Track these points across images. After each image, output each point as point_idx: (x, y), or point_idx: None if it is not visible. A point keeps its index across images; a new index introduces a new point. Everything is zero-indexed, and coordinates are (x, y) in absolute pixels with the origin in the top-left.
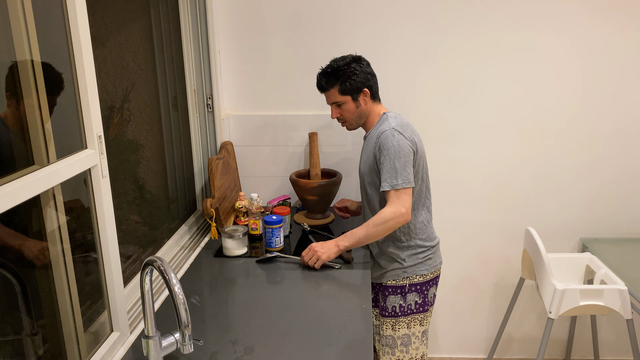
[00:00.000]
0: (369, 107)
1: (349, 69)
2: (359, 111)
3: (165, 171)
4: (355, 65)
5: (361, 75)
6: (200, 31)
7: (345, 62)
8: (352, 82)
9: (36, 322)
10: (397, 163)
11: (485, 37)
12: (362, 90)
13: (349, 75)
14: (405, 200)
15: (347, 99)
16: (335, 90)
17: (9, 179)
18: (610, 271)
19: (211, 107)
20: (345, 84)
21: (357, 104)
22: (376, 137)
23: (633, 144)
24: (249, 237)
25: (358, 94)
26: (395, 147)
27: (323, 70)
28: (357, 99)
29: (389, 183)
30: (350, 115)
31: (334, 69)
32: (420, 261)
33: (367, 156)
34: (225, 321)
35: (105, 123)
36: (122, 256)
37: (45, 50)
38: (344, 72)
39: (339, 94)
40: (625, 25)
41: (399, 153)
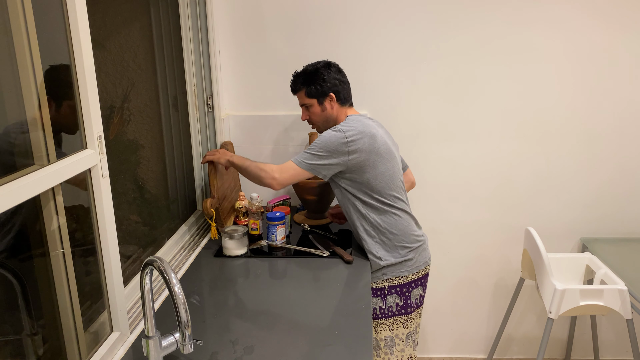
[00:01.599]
0: (336, 111)
1: (316, 73)
2: (325, 115)
3: (165, 171)
4: (324, 71)
5: (328, 80)
6: (200, 31)
7: (314, 68)
8: (318, 87)
9: (36, 322)
10: (312, 149)
11: (485, 37)
12: (327, 94)
13: (316, 80)
14: (284, 171)
15: (314, 102)
16: (302, 92)
17: (9, 178)
18: (610, 271)
19: (211, 107)
20: (310, 88)
21: (323, 107)
22: None
23: (633, 144)
24: (249, 237)
25: (324, 97)
26: (322, 138)
27: (295, 73)
28: (322, 102)
29: (294, 157)
30: (317, 118)
31: (303, 72)
32: (400, 262)
33: None
34: (225, 321)
35: (105, 123)
36: (122, 256)
37: (45, 50)
38: (311, 77)
39: (305, 97)
40: (625, 25)
41: (318, 144)
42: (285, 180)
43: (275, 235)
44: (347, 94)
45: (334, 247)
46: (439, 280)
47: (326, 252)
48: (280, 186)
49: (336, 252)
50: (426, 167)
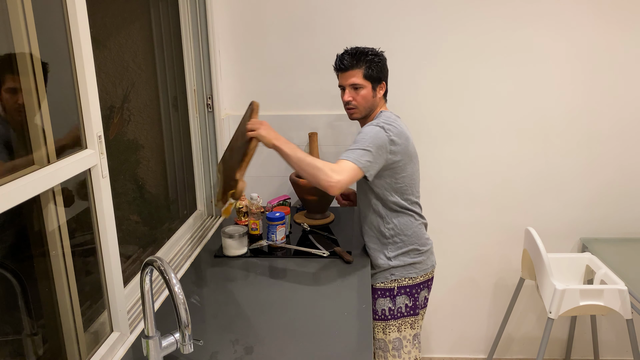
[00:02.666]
0: (379, 102)
1: (378, 57)
2: (373, 101)
3: (165, 171)
4: (383, 58)
5: (385, 68)
6: (200, 31)
7: (374, 50)
8: (378, 70)
9: (36, 322)
10: (359, 144)
11: (485, 37)
12: (381, 81)
13: (377, 63)
14: (342, 171)
15: (368, 85)
16: (359, 71)
17: (9, 178)
18: (610, 271)
19: (211, 107)
20: (371, 69)
21: (374, 94)
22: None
23: (633, 144)
24: (249, 237)
25: (378, 84)
26: (365, 135)
27: (350, 50)
28: (375, 88)
29: (346, 154)
30: (365, 103)
31: (364, 51)
32: (409, 263)
33: None
34: (225, 321)
35: (105, 123)
36: (122, 256)
37: (45, 50)
38: (373, 58)
39: (362, 77)
40: (626, 25)
41: (366, 139)
42: (346, 182)
43: (275, 235)
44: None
45: (334, 247)
46: (439, 280)
47: (326, 252)
48: (339, 190)
49: (336, 252)
50: (426, 167)
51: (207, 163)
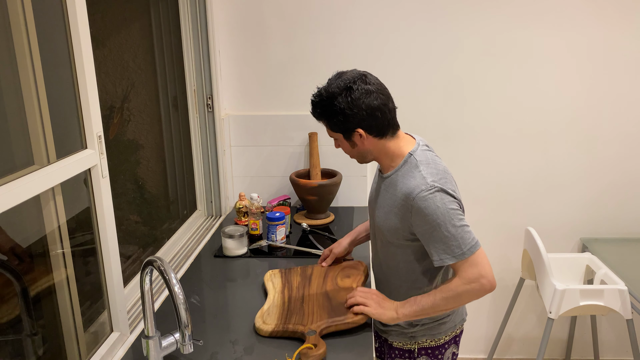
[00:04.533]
0: (375, 146)
1: (334, 105)
2: (357, 151)
3: (165, 171)
4: (343, 101)
5: (352, 113)
6: (200, 31)
7: (330, 95)
8: (339, 122)
9: (36, 322)
10: (452, 229)
11: (485, 37)
12: (353, 131)
13: (334, 114)
14: (483, 266)
15: (339, 137)
16: (324, 124)
17: (9, 179)
18: (610, 271)
19: (211, 107)
20: (332, 121)
21: (352, 144)
22: (406, 195)
23: (633, 145)
24: (249, 237)
25: (350, 134)
26: (442, 211)
27: (313, 98)
28: (350, 138)
29: (450, 255)
30: (350, 153)
31: (319, 101)
32: (432, 326)
33: (389, 209)
34: (225, 321)
35: (105, 123)
36: (122, 256)
37: (45, 50)
38: (328, 108)
39: (329, 129)
40: (627, 26)
41: (449, 216)
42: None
43: (275, 235)
44: (382, 123)
45: None
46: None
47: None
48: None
49: None
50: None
51: (207, 163)
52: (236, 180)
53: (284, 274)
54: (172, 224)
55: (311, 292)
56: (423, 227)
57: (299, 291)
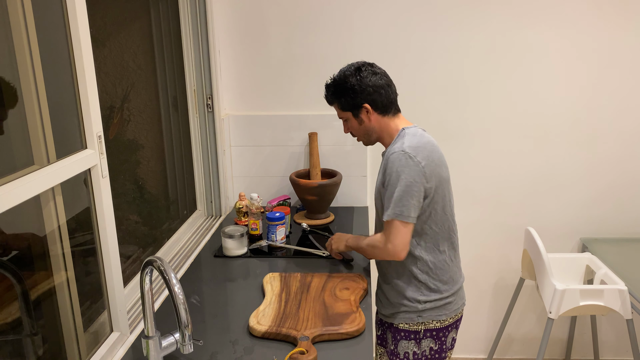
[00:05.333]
0: (377, 123)
1: (346, 83)
2: (364, 128)
3: (165, 171)
4: (352, 79)
5: (360, 89)
6: (200, 31)
7: (342, 76)
8: (350, 99)
9: (36, 322)
10: (397, 191)
11: (485, 37)
12: (361, 106)
13: (346, 91)
14: (394, 235)
15: (349, 116)
16: (336, 106)
17: (9, 178)
18: (610, 271)
19: (211, 107)
20: (341, 100)
21: (359, 121)
22: (385, 157)
23: (634, 145)
24: (249, 237)
25: (358, 110)
26: (398, 174)
27: (327, 83)
28: (358, 115)
29: (385, 212)
30: (357, 132)
31: (332, 83)
32: (440, 305)
33: (379, 177)
34: (225, 321)
35: (105, 123)
36: (122, 256)
37: (45, 50)
38: (341, 88)
39: (340, 110)
40: (629, 26)
41: (400, 180)
42: (402, 244)
43: (275, 235)
44: (386, 101)
45: None
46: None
47: (326, 252)
48: (404, 252)
49: None
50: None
51: (207, 163)
52: (236, 180)
53: (283, 278)
54: (172, 224)
55: (308, 299)
56: (384, 181)
57: (296, 296)
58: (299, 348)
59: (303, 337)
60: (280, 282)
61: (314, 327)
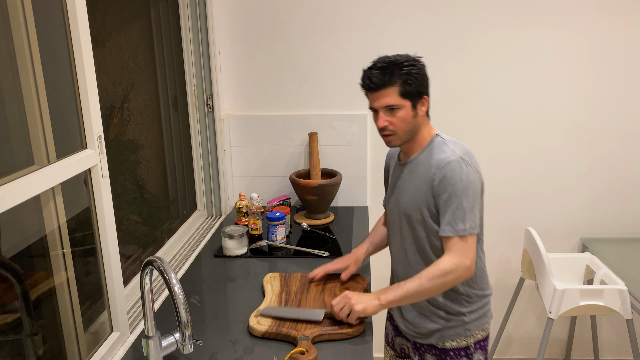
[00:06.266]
0: (422, 121)
1: (414, 67)
2: (414, 122)
3: (165, 171)
4: (420, 65)
5: (426, 78)
6: (200, 31)
7: (409, 59)
8: (417, 84)
9: (36, 322)
10: (465, 203)
11: (485, 37)
12: (422, 96)
13: (414, 74)
14: (470, 250)
15: (406, 104)
16: (394, 90)
17: (9, 178)
18: (610, 271)
19: (211, 107)
20: (407, 84)
21: (415, 113)
22: (435, 166)
23: (634, 145)
24: (249, 237)
25: (419, 99)
26: (464, 183)
27: (379, 63)
28: (416, 106)
29: (452, 227)
30: (404, 126)
31: (397, 63)
32: (483, 313)
33: (415, 187)
34: (225, 321)
35: (105, 123)
36: (122, 256)
37: (45, 50)
38: (409, 70)
39: (398, 96)
40: (628, 26)
41: (467, 190)
42: (474, 256)
43: (275, 235)
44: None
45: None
46: None
47: (326, 252)
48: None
49: None
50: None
51: (207, 163)
52: (236, 180)
53: (283, 278)
54: (172, 224)
55: (308, 299)
56: (443, 195)
57: (296, 296)
58: (299, 348)
59: (303, 337)
60: (280, 282)
61: (314, 327)
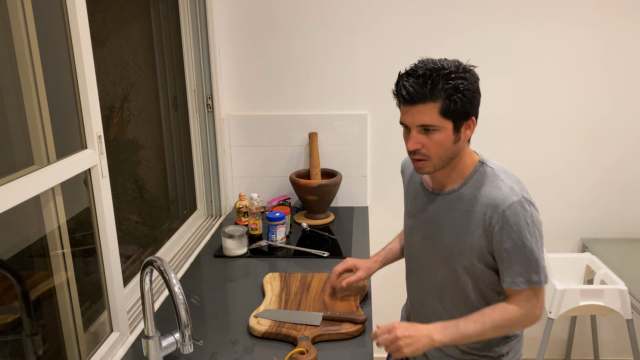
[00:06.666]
0: (462, 147)
1: (464, 80)
2: (454, 148)
3: (165, 171)
4: (472, 78)
5: (476, 95)
6: (200, 31)
7: (458, 67)
8: (464, 102)
9: (36, 322)
10: (536, 250)
11: (485, 36)
12: (469, 117)
13: (462, 90)
14: (541, 301)
15: (447, 126)
16: (434, 106)
17: (9, 178)
18: (610, 271)
19: (211, 107)
20: (452, 101)
21: (457, 138)
22: (490, 207)
23: (634, 145)
24: (249, 237)
25: (464, 121)
26: (531, 229)
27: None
28: (460, 128)
29: (525, 279)
30: (441, 151)
31: (443, 73)
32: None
33: (460, 228)
34: (225, 321)
35: (105, 123)
36: (122, 256)
37: (45, 50)
38: (457, 83)
39: (438, 114)
40: (629, 26)
41: (535, 236)
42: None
43: (275, 235)
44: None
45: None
46: None
47: (326, 252)
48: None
49: None
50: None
51: (207, 163)
52: (236, 180)
53: (283, 278)
54: (172, 224)
55: (308, 299)
56: (506, 243)
57: (296, 296)
58: (299, 348)
59: (303, 337)
60: (280, 282)
61: (314, 327)
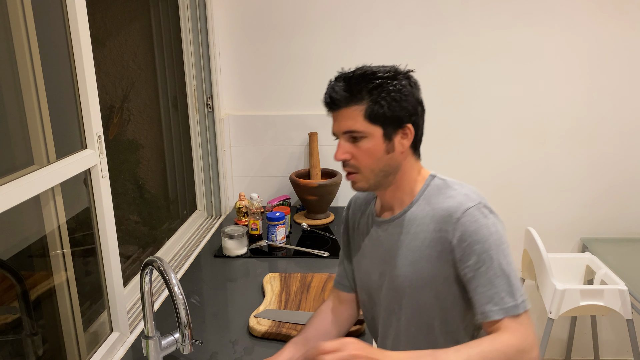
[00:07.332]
0: (404, 160)
1: (393, 81)
2: (388, 159)
3: (165, 171)
4: (406, 82)
5: (410, 99)
6: (200, 31)
7: (390, 70)
8: (392, 105)
9: (36, 322)
10: (506, 266)
11: (485, 36)
12: (403, 124)
13: (390, 92)
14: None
15: (375, 132)
16: (359, 109)
17: (9, 178)
18: (610, 271)
19: (211, 107)
20: (378, 104)
21: (389, 147)
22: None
23: (634, 145)
24: (249, 237)
25: (396, 128)
26: (496, 239)
27: (346, 73)
28: (391, 136)
29: (499, 307)
30: (371, 162)
31: (367, 75)
32: None
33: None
34: (225, 321)
35: (105, 123)
36: (122, 256)
37: (45, 50)
38: (382, 85)
39: (363, 119)
40: (628, 26)
41: (501, 247)
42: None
43: (275, 235)
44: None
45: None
46: None
47: (326, 252)
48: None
49: None
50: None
51: (207, 163)
52: (236, 180)
53: (283, 278)
54: (172, 224)
55: (308, 299)
56: (470, 259)
57: (296, 296)
58: None
59: None
60: (280, 282)
61: None
